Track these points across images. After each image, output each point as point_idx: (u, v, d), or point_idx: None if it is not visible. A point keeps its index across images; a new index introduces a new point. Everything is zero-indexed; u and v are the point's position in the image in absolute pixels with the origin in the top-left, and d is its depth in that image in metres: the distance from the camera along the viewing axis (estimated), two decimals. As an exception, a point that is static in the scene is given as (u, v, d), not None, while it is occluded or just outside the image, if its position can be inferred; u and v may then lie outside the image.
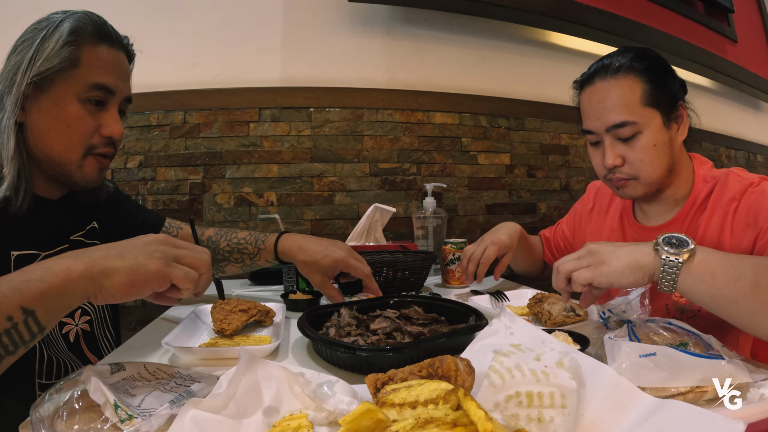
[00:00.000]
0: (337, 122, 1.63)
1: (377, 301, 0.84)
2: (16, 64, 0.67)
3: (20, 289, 0.45)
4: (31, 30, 0.70)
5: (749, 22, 2.81)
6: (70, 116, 0.70)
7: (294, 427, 0.41)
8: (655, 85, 0.83)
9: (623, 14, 2.01)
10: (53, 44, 0.67)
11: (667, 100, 0.84)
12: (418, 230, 1.42)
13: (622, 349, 0.50)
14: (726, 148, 2.61)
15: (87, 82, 0.70)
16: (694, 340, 0.55)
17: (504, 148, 1.82)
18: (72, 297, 0.49)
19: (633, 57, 0.85)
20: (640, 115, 0.82)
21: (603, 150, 0.87)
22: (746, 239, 0.77)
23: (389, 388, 0.42)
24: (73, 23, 0.69)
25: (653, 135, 0.83)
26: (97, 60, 0.71)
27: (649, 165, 0.83)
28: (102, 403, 0.43)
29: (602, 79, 0.86)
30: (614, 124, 0.83)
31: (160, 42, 1.55)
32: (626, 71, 0.84)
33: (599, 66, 0.88)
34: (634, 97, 0.82)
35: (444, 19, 1.76)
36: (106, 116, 0.73)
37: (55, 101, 0.69)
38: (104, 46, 0.72)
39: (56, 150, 0.70)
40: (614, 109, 0.83)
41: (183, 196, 1.54)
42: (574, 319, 0.81)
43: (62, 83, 0.69)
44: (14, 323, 0.44)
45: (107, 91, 0.72)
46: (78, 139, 0.71)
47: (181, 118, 1.54)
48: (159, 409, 0.44)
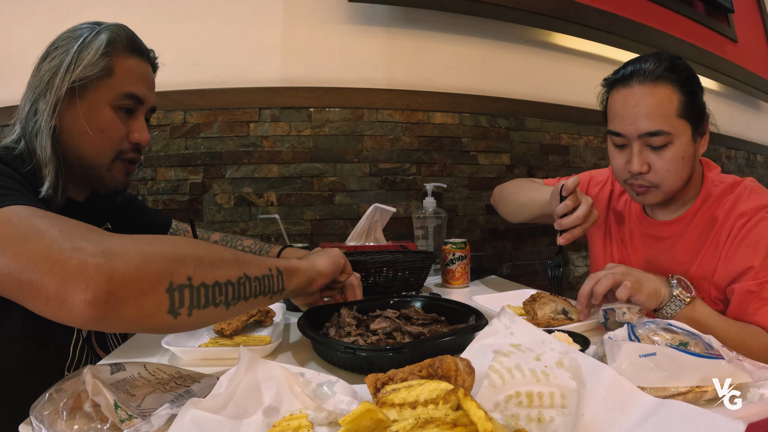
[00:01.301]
0: (337, 122, 1.63)
1: (377, 301, 0.84)
2: (51, 69, 0.70)
3: (277, 261, 0.63)
4: (65, 38, 0.73)
5: (749, 22, 2.81)
6: (104, 122, 0.74)
7: (294, 427, 0.41)
8: (689, 98, 0.84)
9: (623, 14, 2.01)
10: (92, 53, 0.71)
11: (697, 114, 0.85)
12: (418, 230, 1.42)
13: (622, 348, 0.50)
14: (726, 148, 2.61)
15: (120, 91, 0.74)
16: (694, 340, 0.55)
17: (504, 148, 1.82)
18: (297, 282, 0.66)
19: (670, 66, 0.84)
20: (674, 126, 0.83)
21: (629, 154, 0.86)
22: (739, 261, 0.81)
23: (389, 388, 0.42)
24: (110, 35, 0.73)
25: (683, 147, 0.84)
26: (129, 71, 0.75)
27: (673, 175, 0.85)
28: (102, 403, 0.43)
29: (641, 84, 0.84)
30: (648, 132, 0.83)
31: (160, 42, 1.53)
32: (665, 80, 0.83)
33: (637, 68, 0.86)
34: (671, 108, 0.83)
35: (444, 19, 1.76)
36: (134, 124, 0.78)
37: (90, 107, 0.72)
38: (136, 58, 0.77)
39: (88, 153, 0.74)
40: (651, 116, 0.82)
41: (183, 196, 1.54)
42: (562, 322, 0.81)
43: (97, 91, 0.72)
44: (271, 274, 0.60)
45: (137, 101, 0.77)
46: (109, 144, 0.75)
47: (181, 118, 1.54)
48: (159, 409, 0.44)
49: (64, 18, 1.53)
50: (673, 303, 0.74)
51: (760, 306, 0.77)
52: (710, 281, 0.85)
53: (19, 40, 1.50)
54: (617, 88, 0.88)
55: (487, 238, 1.80)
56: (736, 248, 0.81)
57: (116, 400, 0.43)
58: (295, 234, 1.59)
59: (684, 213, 0.92)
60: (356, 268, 1.07)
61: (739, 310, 0.79)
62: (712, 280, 0.85)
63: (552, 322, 0.81)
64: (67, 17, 1.51)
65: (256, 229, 1.57)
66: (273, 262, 0.61)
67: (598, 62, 2.07)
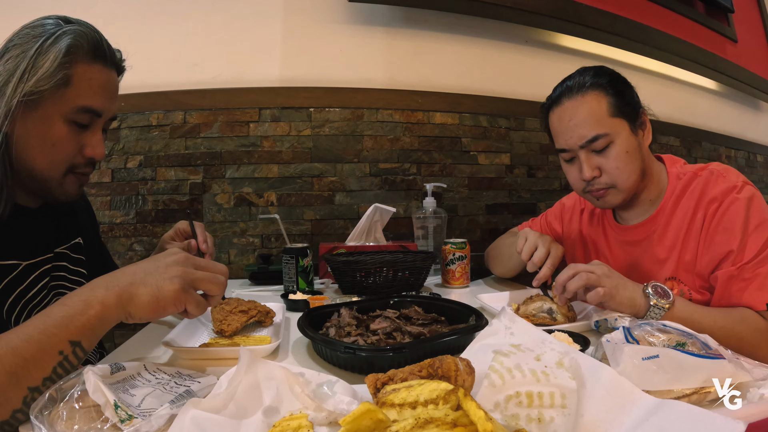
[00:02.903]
0: (337, 122, 1.63)
1: (377, 301, 0.84)
2: (5, 73, 0.64)
3: (65, 325, 0.50)
4: (24, 35, 0.67)
5: (749, 22, 2.81)
6: (55, 136, 0.68)
7: (294, 427, 0.41)
8: (618, 97, 0.88)
9: (623, 14, 2.01)
10: (49, 63, 0.65)
11: (630, 109, 0.89)
12: (418, 230, 1.42)
13: (624, 352, 0.49)
14: (726, 148, 2.61)
15: (76, 105, 0.68)
16: (691, 339, 0.55)
17: (504, 148, 1.82)
18: (109, 323, 0.54)
19: (593, 74, 0.90)
20: (610, 127, 0.87)
21: (579, 165, 0.91)
22: (717, 247, 0.82)
23: (389, 388, 0.42)
24: (70, 41, 0.66)
25: (624, 143, 0.88)
26: (88, 81, 0.69)
27: (624, 171, 0.88)
28: (102, 403, 0.43)
29: (570, 99, 0.90)
30: (588, 139, 0.88)
31: (160, 42, 1.55)
32: (590, 87, 0.89)
33: (564, 88, 0.93)
34: (602, 110, 0.87)
35: (444, 19, 1.76)
36: (89, 137, 0.72)
37: (42, 118, 0.67)
38: (98, 66, 0.71)
39: (38, 166, 0.69)
40: (586, 124, 0.88)
41: (183, 196, 1.54)
42: (543, 320, 0.81)
43: (51, 102, 0.67)
44: (65, 355, 0.50)
45: (94, 114, 0.71)
46: (61, 158, 0.70)
47: (181, 118, 1.54)
48: (159, 409, 0.44)
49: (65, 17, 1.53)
50: (652, 312, 0.75)
51: (743, 287, 0.79)
52: (693, 272, 0.87)
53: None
54: (552, 109, 0.95)
55: (487, 238, 1.80)
56: (713, 235, 0.83)
57: (116, 400, 0.43)
58: (295, 234, 1.59)
59: (654, 212, 0.93)
60: (356, 268, 1.08)
61: (725, 296, 0.81)
62: (694, 271, 0.86)
63: (531, 318, 0.81)
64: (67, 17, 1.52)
65: (256, 229, 1.57)
66: (61, 336, 0.49)
67: (598, 62, 2.06)
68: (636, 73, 2.14)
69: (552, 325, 0.79)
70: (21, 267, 0.71)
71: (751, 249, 0.79)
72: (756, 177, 2.84)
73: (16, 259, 0.71)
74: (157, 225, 1.52)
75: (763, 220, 0.80)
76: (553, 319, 0.81)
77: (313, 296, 1.02)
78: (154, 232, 1.52)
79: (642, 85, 0.95)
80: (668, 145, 2.25)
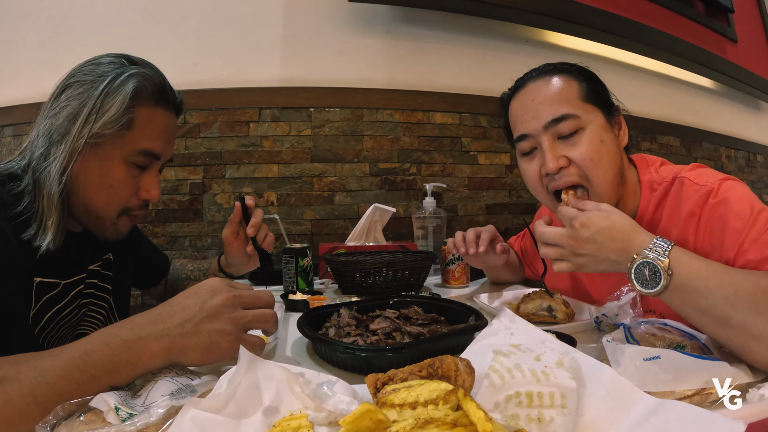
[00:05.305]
0: (337, 122, 1.63)
1: (377, 301, 0.84)
2: (70, 114, 0.65)
3: (109, 371, 0.47)
4: (87, 72, 0.67)
5: (749, 22, 2.81)
6: (114, 178, 0.69)
7: (294, 427, 0.41)
8: (590, 84, 0.76)
9: (623, 14, 2.01)
10: (117, 105, 0.65)
11: (604, 100, 0.77)
12: (418, 230, 1.42)
13: (625, 353, 0.49)
14: (726, 148, 2.61)
15: (136, 147, 0.69)
16: (691, 341, 0.55)
17: (504, 148, 1.82)
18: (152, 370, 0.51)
19: (561, 65, 0.79)
20: (581, 109, 0.73)
21: (541, 155, 0.75)
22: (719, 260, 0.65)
23: (389, 389, 0.42)
24: (137, 83, 0.67)
25: (597, 131, 0.73)
26: (150, 123, 0.70)
27: (599, 165, 0.72)
28: (104, 409, 0.43)
29: (534, 80, 0.78)
30: (553, 119, 0.73)
31: (160, 42, 1.55)
32: (559, 72, 0.77)
33: (528, 74, 0.81)
34: (572, 92, 0.74)
35: (444, 19, 1.76)
36: (146, 179, 0.73)
37: (102, 159, 0.67)
38: (160, 109, 0.71)
39: (95, 206, 0.70)
40: (552, 102, 0.73)
41: (183, 196, 1.54)
42: (542, 318, 0.81)
43: (112, 143, 0.67)
44: None
45: (153, 157, 0.72)
46: (117, 200, 0.71)
47: (181, 118, 1.54)
48: (159, 400, 0.44)
49: (65, 17, 1.54)
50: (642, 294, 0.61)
51: None
52: None
53: (19, 39, 1.50)
54: (514, 96, 0.81)
55: (487, 238, 1.80)
56: (709, 253, 0.67)
57: (116, 403, 0.43)
58: (295, 234, 1.59)
59: None
60: (356, 268, 1.08)
61: None
62: None
63: (531, 317, 0.81)
64: (67, 16, 1.52)
65: (256, 229, 1.57)
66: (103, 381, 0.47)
67: (598, 62, 2.06)
68: (636, 73, 2.15)
69: (552, 322, 0.79)
70: (60, 286, 0.72)
71: (753, 252, 0.64)
72: (756, 177, 2.84)
73: (56, 278, 0.71)
74: (157, 225, 1.52)
75: (747, 216, 0.65)
76: (553, 316, 0.81)
77: (312, 296, 1.02)
78: (154, 232, 1.52)
79: (642, 85, 0.94)
80: (668, 145, 2.25)
